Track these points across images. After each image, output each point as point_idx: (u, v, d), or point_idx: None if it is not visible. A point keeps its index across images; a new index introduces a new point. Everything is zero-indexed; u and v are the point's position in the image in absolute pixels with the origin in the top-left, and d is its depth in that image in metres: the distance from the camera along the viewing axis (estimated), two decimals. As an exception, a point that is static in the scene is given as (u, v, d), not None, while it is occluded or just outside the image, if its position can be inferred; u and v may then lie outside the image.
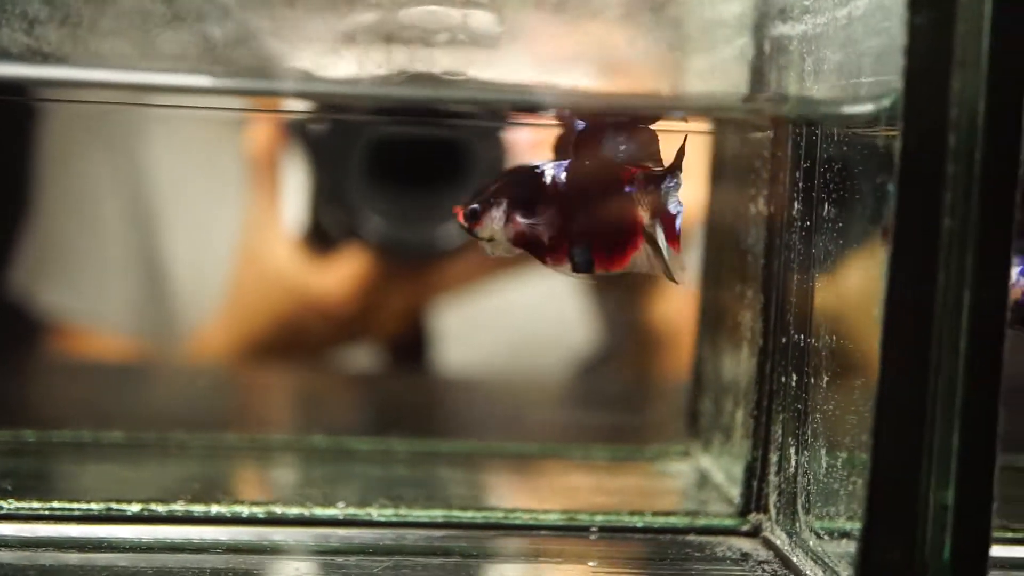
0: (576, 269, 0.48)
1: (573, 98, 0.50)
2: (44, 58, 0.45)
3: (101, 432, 0.59)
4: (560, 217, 0.48)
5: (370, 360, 1.01)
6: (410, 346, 1.03)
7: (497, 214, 0.48)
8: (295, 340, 0.95)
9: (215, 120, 0.98)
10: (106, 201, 1.08)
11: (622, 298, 0.99)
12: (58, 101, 0.93)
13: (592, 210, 0.48)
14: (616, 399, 0.87)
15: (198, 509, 0.48)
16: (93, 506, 0.48)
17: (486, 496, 0.59)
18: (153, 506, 0.48)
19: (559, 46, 0.50)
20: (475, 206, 0.48)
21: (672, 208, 0.48)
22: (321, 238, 0.90)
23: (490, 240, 0.49)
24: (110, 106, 0.99)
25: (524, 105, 0.52)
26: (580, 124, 0.50)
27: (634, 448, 0.63)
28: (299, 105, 0.64)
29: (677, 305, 0.93)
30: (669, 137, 0.48)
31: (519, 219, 0.48)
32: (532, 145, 0.88)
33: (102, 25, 0.47)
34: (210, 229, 1.03)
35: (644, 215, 0.48)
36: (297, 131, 0.88)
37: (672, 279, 0.48)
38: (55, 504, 0.48)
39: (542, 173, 0.48)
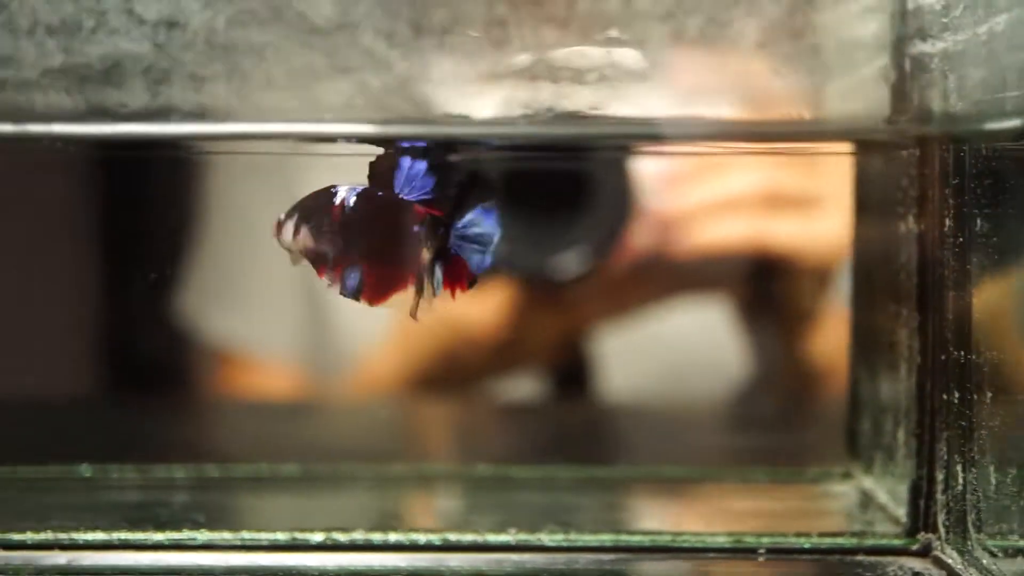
0: (342, 292, 0.50)
1: (713, 128, 0.51)
2: (211, 115, 0.49)
3: (277, 465, 0.62)
4: (343, 240, 0.49)
5: (531, 388, 1.03)
6: (570, 374, 1.04)
7: (290, 227, 0.50)
8: (452, 371, 0.98)
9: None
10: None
11: (777, 322, 0.99)
12: (223, 153, 0.98)
13: (371, 239, 0.50)
14: (773, 422, 0.87)
15: (377, 537, 0.51)
16: (279, 536, 0.51)
17: (651, 520, 0.60)
18: (335, 535, 0.51)
19: (699, 78, 0.51)
20: (280, 217, 0.50)
21: (458, 251, 0.49)
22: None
23: (288, 250, 0.50)
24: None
25: (662, 137, 0.53)
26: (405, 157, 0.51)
27: (794, 470, 0.63)
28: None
29: (831, 328, 0.92)
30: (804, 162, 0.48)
31: (306, 234, 0.49)
32: (668, 175, 0.90)
33: (266, 80, 0.50)
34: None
35: (425, 255, 0.50)
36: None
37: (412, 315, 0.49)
38: (244, 535, 0.51)
39: (335, 194, 0.50)
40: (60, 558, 0.49)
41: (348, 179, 0.97)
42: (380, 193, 0.50)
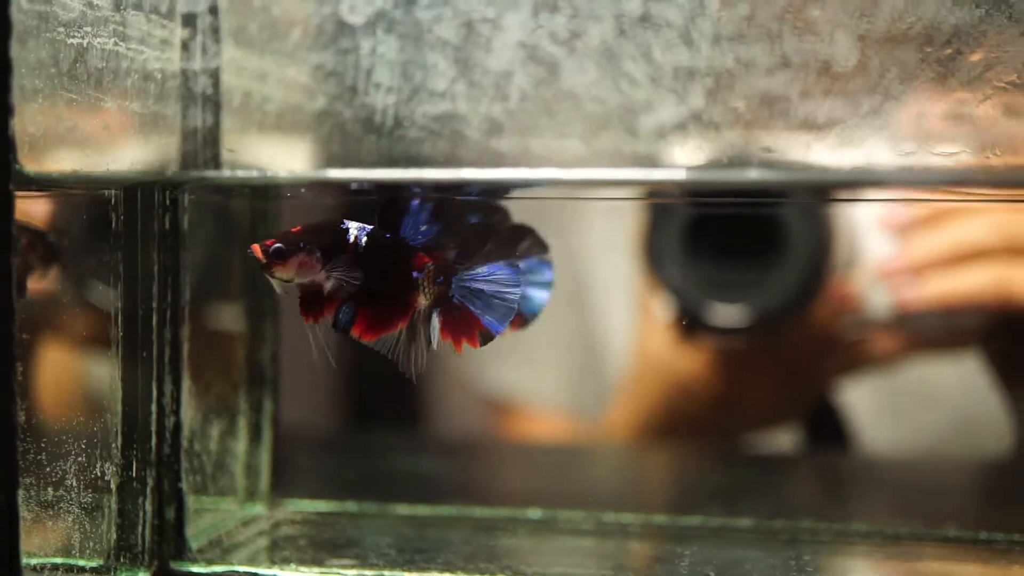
0: (334, 325, 0.49)
1: (950, 176, 0.51)
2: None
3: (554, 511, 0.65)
4: (346, 275, 0.49)
5: (787, 442, 1.02)
6: (815, 428, 1.03)
7: (304, 260, 0.49)
8: (688, 423, 0.97)
9: (625, 207, 1.03)
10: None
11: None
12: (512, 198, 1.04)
13: (372, 278, 0.49)
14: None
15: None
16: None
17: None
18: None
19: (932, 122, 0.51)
20: (280, 246, 0.49)
21: (458, 301, 0.48)
22: (682, 323, 0.92)
23: (287, 282, 0.49)
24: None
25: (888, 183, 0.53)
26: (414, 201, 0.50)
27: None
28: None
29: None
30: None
31: (312, 265, 0.49)
32: (901, 222, 0.87)
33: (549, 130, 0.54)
34: (631, 310, 1.08)
35: (423, 302, 0.49)
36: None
37: (403, 371, 0.48)
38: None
39: (347, 231, 0.49)
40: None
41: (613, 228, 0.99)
42: (388, 235, 0.50)
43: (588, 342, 1.14)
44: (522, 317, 0.53)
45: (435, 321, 0.48)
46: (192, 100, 0.56)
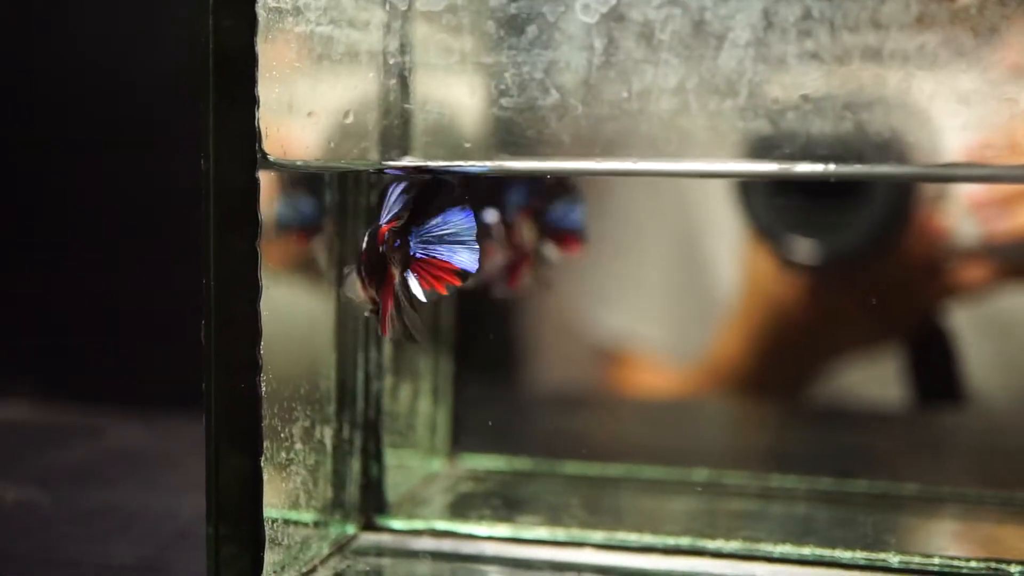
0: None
1: None
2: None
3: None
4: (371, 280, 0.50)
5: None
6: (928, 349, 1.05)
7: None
8: (785, 359, 1.01)
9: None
10: (659, 242, 1.21)
11: None
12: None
13: (371, 276, 0.50)
14: None
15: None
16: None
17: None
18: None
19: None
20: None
21: (423, 255, 0.48)
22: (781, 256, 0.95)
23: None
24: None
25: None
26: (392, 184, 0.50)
27: None
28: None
29: None
30: None
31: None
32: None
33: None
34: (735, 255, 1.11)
35: (395, 273, 0.49)
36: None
37: (412, 340, 0.49)
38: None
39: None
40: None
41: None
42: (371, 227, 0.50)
43: (696, 289, 1.17)
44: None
45: (410, 280, 0.49)
46: (390, 80, 0.59)
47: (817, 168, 0.50)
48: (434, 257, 0.49)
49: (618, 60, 0.50)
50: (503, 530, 0.59)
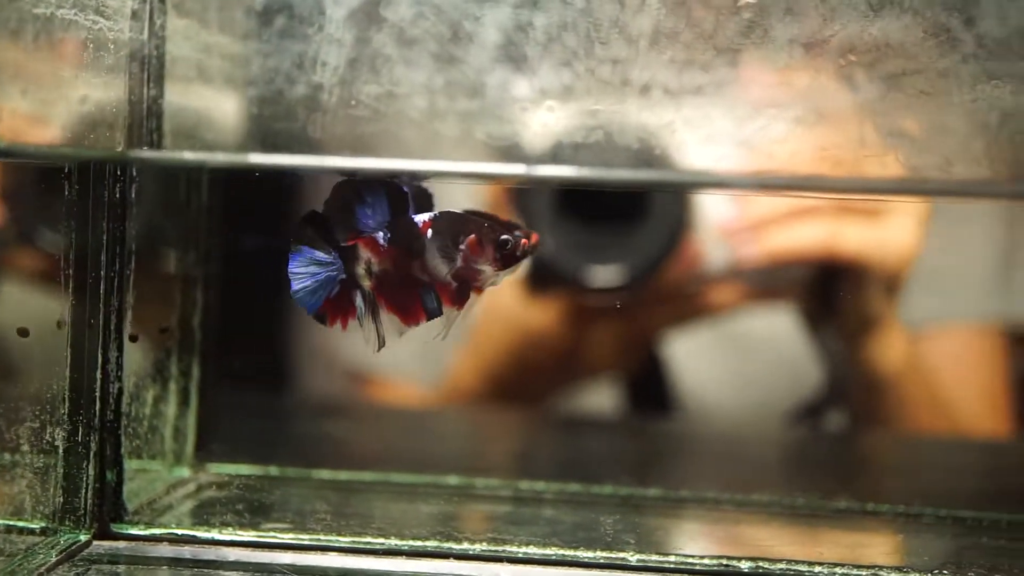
0: None
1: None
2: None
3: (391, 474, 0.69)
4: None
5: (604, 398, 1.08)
6: (642, 381, 1.09)
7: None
8: (527, 378, 1.03)
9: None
10: None
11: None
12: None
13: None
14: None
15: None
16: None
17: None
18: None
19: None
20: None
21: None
22: (535, 281, 0.97)
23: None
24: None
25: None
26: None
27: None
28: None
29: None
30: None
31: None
32: None
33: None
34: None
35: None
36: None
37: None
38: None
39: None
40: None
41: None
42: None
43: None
44: None
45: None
46: (139, 69, 0.57)
47: (564, 172, 0.51)
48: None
49: (368, 55, 0.49)
50: (246, 535, 0.57)
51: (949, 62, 0.50)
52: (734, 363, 1.11)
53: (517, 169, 0.52)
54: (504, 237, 0.52)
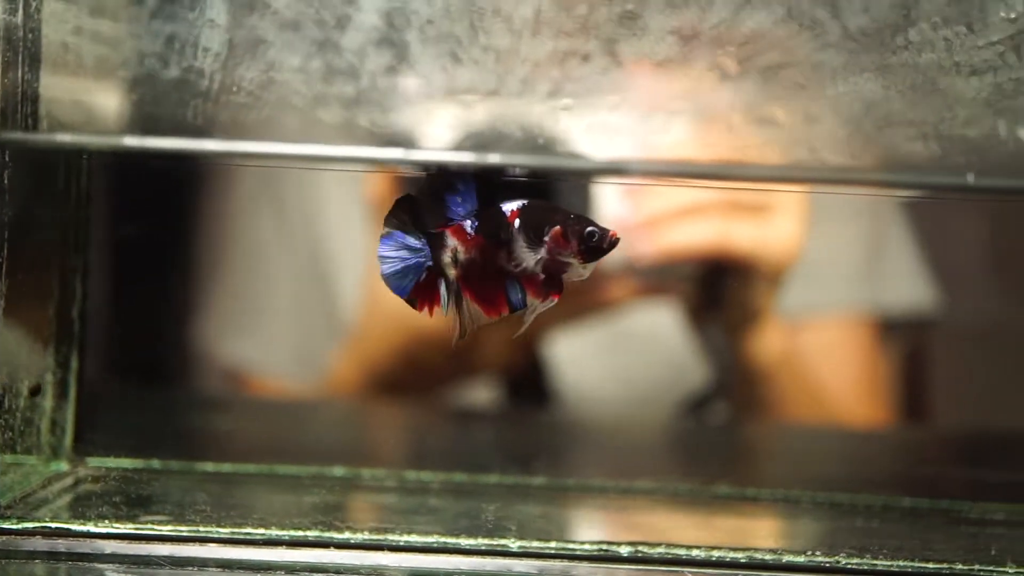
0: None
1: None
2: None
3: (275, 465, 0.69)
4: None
5: (489, 393, 1.08)
6: (526, 378, 1.10)
7: None
8: (414, 374, 1.03)
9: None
10: (281, 258, 1.19)
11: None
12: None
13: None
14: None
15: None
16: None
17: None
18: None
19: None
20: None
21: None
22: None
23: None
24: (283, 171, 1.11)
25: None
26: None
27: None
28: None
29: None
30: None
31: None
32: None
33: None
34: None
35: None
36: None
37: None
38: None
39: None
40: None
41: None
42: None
43: (321, 313, 1.17)
44: None
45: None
46: (12, 51, 0.56)
47: (445, 156, 0.52)
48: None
49: (242, 38, 0.49)
50: (123, 528, 0.56)
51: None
52: (618, 358, 1.12)
53: (395, 154, 0.52)
54: (591, 229, 0.52)
